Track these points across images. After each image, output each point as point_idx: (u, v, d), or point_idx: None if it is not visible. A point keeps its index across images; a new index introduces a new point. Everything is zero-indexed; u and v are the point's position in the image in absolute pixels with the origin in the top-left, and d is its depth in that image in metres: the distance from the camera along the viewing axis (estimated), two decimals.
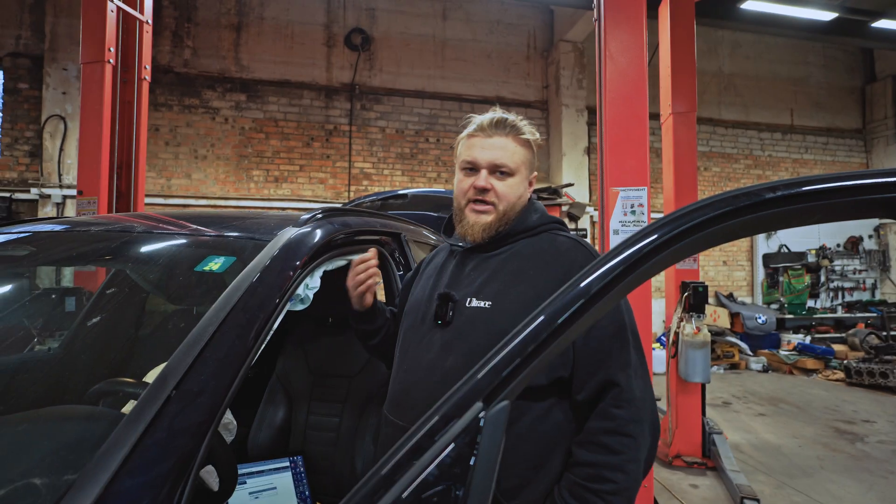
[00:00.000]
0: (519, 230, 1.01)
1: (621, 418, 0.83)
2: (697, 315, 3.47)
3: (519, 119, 1.03)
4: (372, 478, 0.50)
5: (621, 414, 0.84)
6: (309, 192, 6.39)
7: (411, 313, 1.05)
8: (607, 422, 0.84)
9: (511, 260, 0.98)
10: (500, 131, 1.00)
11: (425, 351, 0.96)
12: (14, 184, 5.58)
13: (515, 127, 1.01)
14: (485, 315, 0.92)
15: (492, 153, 0.99)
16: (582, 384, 0.88)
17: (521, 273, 0.95)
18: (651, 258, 0.67)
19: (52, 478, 0.57)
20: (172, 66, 6.06)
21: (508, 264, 0.98)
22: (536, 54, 7.22)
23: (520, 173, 1.01)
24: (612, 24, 2.21)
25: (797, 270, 7.78)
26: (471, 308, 0.94)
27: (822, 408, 4.81)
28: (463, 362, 0.89)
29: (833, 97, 8.42)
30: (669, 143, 3.76)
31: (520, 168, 1.01)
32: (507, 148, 0.99)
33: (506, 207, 0.99)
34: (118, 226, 1.10)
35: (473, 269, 1.00)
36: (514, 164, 0.99)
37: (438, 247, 1.21)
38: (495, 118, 1.01)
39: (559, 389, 0.90)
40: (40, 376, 1.18)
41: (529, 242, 1.00)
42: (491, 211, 0.99)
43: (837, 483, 3.15)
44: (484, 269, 0.99)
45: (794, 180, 0.70)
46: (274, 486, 1.48)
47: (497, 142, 0.99)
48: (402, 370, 1.00)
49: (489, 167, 0.99)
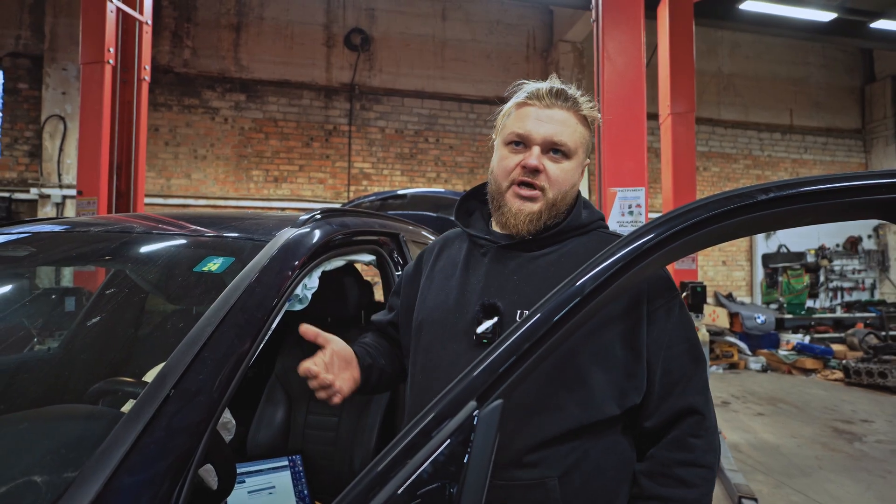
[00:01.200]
0: (572, 227, 0.85)
1: (700, 449, 0.74)
2: (696, 315, 3.48)
3: (588, 97, 0.86)
4: (367, 475, 0.51)
5: (700, 444, 0.74)
6: (308, 193, 6.39)
7: (434, 324, 0.86)
8: (685, 453, 0.74)
9: (564, 262, 0.81)
10: (560, 102, 0.82)
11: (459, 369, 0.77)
12: (14, 184, 5.59)
13: (577, 101, 0.84)
14: None
15: (550, 127, 0.81)
16: (654, 410, 0.77)
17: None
18: (646, 258, 0.68)
19: (53, 475, 0.58)
20: (172, 67, 6.06)
21: (561, 268, 0.80)
22: (536, 54, 7.22)
23: (577, 157, 0.84)
24: (610, 24, 2.22)
25: (796, 270, 7.79)
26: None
27: (820, 407, 4.82)
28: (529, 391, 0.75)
29: (832, 97, 8.43)
30: (668, 143, 3.77)
31: (578, 150, 0.84)
32: (567, 123, 0.82)
33: (556, 196, 0.82)
34: (117, 226, 1.11)
35: (515, 271, 0.82)
36: (573, 144, 0.82)
37: (444, 235, 1.01)
38: (555, 87, 0.83)
39: (629, 416, 0.79)
40: (41, 376, 1.18)
41: (581, 242, 0.84)
42: (539, 198, 0.81)
43: (836, 483, 3.15)
44: (532, 272, 0.82)
45: (786, 182, 0.71)
46: (273, 485, 1.49)
47: (557, 114, 0.81)
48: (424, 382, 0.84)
49: (544, 144, 0.81)
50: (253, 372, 2.18)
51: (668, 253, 0.69)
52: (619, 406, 0.76)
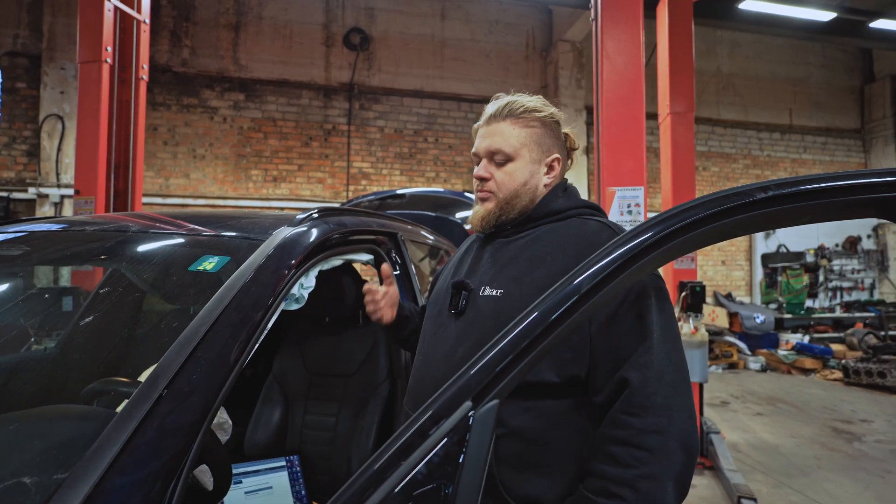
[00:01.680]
0: (541, 214, 0.94)
1: (634, 427, 0.72)
2: (695, 315, 3.47)
3: (528, 99, 0.97)
4: (362, 475, 0.50)
5: (634, 423, 0.72)
6: (307, 192, 6.39)
7: (432, 304, 1.03)
8: (617, 430, 0.73)
9: (531, 245, 0.91)
10: (497, 118, 0.96)
11: (440, 342, 0.93)
12: (12, 183, 5.57)
13: (513, 110, 0.95)
14: (495, 304, 0.87)
15: (488, 140, 0.95)
16: (599, 385, 0.79)
17: (538, 259, 0.87)
18: (643, 256, 0.67)
19: (43, 477, 0.57)
20: (171, 66, 6.05)
21: (527, 250, 0.90)
22: (535, 54, 7.22)
23: (521, 157, 0.94)
24: (608, 24, 2.21)
25: (796, 270, 7.79)
26: (483, 297, 0.89)
27: (820, 407, 4.82)
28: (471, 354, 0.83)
29: (832, 97, 8.43)
30: (667, 142, 3.77)
31: (520, 151, 0.94)
32: (503, 132, 0.94)
33: (507, 195, 0.94)
34: (113, 225, 1.10)
35: (491, 255, 0.95)
36: (511, 149, 0.94)
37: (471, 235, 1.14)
38: (495, 107, 0.97)
39: (579, 390, 0.81)
40: (37, 376, 1.18)
41: (554, 227, 0.93)
42: (491, 199, 0.95)
43: (835, 482, 3.15)
44: (502, 255, 0.93)
45: (785, 180, 0.70)
46: (270, 485, 1.48)
47: (494, 128, 0.96)
48: (419, 361, 0.98)
49: (486, 155, 0.96)
50: (250, 372, 2.17)
51: (666, 251, 0.68)
52: (557, 375, 0.79)
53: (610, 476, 0.72)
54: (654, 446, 0.71)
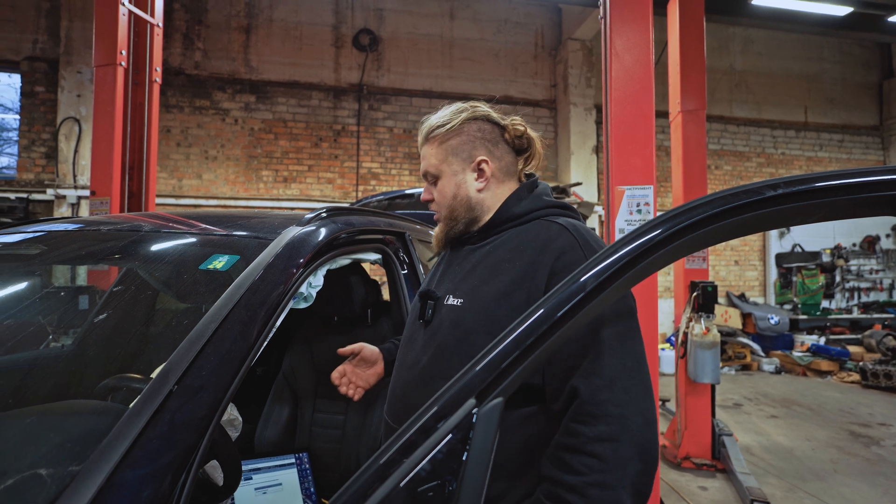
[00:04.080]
0: (503, 219, 0.94)
1: (584, 435, 0.71)
2: (707, 315, 3.43)
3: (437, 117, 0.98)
4: (366, 472, 0.50)
5: (584, 431, 0.72)
6: (317, 192, 6.44)
7: (411, 312, 1.05)
8: (569, 437, 0.73)
9: (493, 252, 0.92)
10: (423, 144, 1.00)
11: (410, 350, 0.95)
12: (31, 185, 5.71)
13: (427, 133, 0.98)
14: (455, 314, 0.88)
15: (422, 165, 1.00)
16: (554, 394, 0.78)
17: (497, 267, 0.88)
18: (650, 255, 0.67)
19: (58, 469, 0.59)
20: (184, 69, 6.14)
21: (489, 257, 0.91)
22: (544, 53, 7.19)
23: (444, 173, 0.96)
24: (618, 21, 2.19)
25: (811, 270, 7.64)
26: (447, 306, 0.91)
27: (836, 410, 4.72)
28: (432, 363, 0.87)
29: (849, 93, 8.25)
30: (678, 141, 3.72)
31: (440, 168, 0.96)
32: (426, 156, 0.98)
33: (445, 212, 0.97)
34: (125, 225, 1.12)
35: (459, 263, 0.97)
36: (434, 169, 0.97)
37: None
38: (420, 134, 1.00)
39: (537, 398, 0.81)
40: (54, 372, 1.20)
41: (517, 232, 0.92)
42: (439, 216, 1.00)
43: (851, 487, 3.09)
44: (467, 263, 0.95)
45: (795, 178, 0.69)
46: (279, 482, 1.50)
47: (423, 153, 1.00)
48: (395, 368, 1.00)
49: (425, 179, 1.01)
50: (261, 370, 2.20)
51: (673, 249, 0.67)
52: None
53: (561, 482, 0.71)
54: (605, 455, 0.70)
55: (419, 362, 0.90)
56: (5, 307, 1.13)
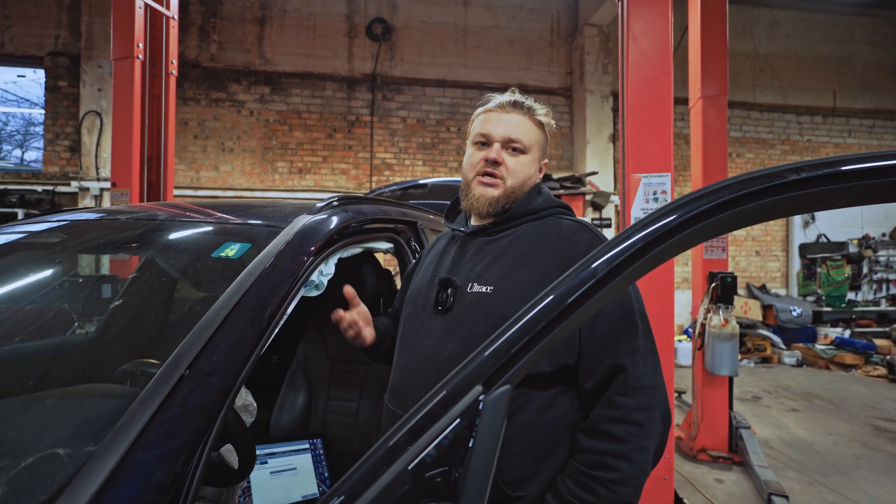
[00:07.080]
0: (523, 212, 0.99)
1: (627, 407, 0.81)
2: (725, 306, 3.36)
3: (540, 105, 1.04)
4: (372, 456, 0.50)
5: (627, 402, 0.81)
6: (332, 183, 6.47)
7: (412, 301, 1.04)
8: (612, 410, 0.81)
9: (515, 244, 0.96)
10: (516, 109, 1.01)
11: (425, 338, 0.95)
12: (56, 177, 5.87)
13: (532, 108, 1.02)
14: (486, 300, 0.90)
15: (507, 128, 0.99)
16: (589, 372, 0.85)
17: (525, 257, 0.92)
18: (663, 242, 0.65)
19: (75, 449, 0.61)
20: (200, 61, 6.21)
21: (512, 248, 0.95)
22: (560, 40, 7.04)
23: (532, 152, 1.01)
24: (635, 4, 2.13)
25: (837, 261, 7.40)
26: (472, 293, 0.92)
27: (860, 404, 4.59)
28: (462, 349, 0.88)
29: (881, 77, 7.89)
30: (698, 127, 3.62)
31: (533, 147, 1.01)
32: (522, 125, 0.99)
33: (514, 184, 0.98)
34: (142, 214, 1.15)
35: (475, 253, 0.99)
36: (528, 142, 1.00)
37: (439, 234, 1.19)
38: (513, 98, 1.02)
39: (565, 378, 0.87)
40: (77, 357, 1.24)
41: (534, 226, 0.98)
42: (499, 185, 0.98)
43: (874, 482, 3.01)
44: (487, 253, 0.97)
45: (820, 161, 0.66)
46: (294, 466, 1.53)
47: (513, 118, 1.00)
48: (403, 358, 0.99)
49: (503, 141, 0.99)
50: (276, 357, 2.23)
51: (688, 235, 0.65)
52: (549, 364, 0.85)
53: (606, 451, 0.80)
54: (643, 421, 0.81)
55: (443, 350, 0.90)
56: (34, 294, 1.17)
